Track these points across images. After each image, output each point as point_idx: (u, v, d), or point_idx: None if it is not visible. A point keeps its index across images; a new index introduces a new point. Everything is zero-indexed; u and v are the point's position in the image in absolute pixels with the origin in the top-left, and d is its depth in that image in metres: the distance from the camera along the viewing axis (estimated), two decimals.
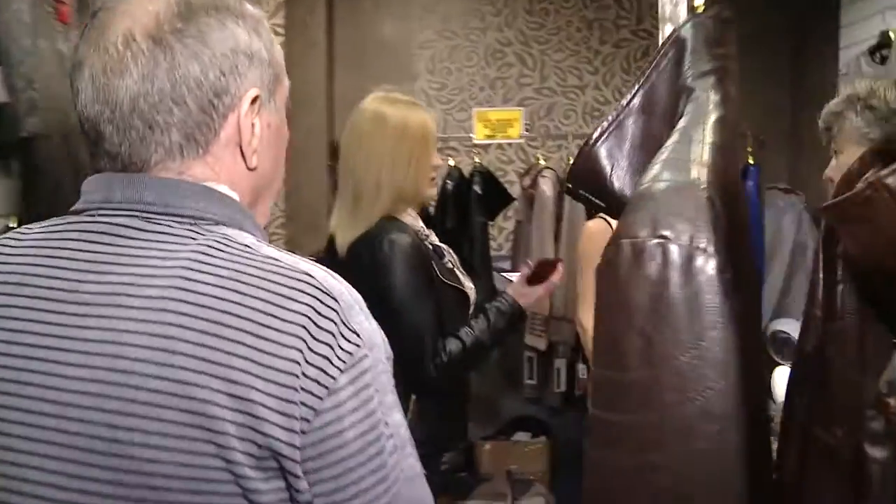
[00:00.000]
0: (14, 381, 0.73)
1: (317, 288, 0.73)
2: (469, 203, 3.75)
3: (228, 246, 0.75)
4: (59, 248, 0.77)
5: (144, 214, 0.77)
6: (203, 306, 0.70)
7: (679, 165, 1.01)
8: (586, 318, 2.64)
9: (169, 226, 0.76)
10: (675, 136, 1.08)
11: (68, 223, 0.79)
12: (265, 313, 0.70)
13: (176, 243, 0.75)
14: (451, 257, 2.07)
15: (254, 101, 0.81)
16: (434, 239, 2.07)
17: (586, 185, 1.28)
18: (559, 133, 4.39)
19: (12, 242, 0.81)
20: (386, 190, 1.92)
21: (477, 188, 3.77)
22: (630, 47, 4.48)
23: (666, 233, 0.92)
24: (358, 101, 2.05)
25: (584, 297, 2.70)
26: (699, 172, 1.00)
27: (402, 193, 1.94)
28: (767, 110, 4.40)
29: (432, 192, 2.15)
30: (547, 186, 3.65)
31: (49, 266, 0.76)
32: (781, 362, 3.55)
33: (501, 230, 4.48)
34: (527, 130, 4.07)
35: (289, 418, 0.69)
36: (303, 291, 0.72)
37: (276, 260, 0.75)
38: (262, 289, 0.72)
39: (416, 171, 1.94)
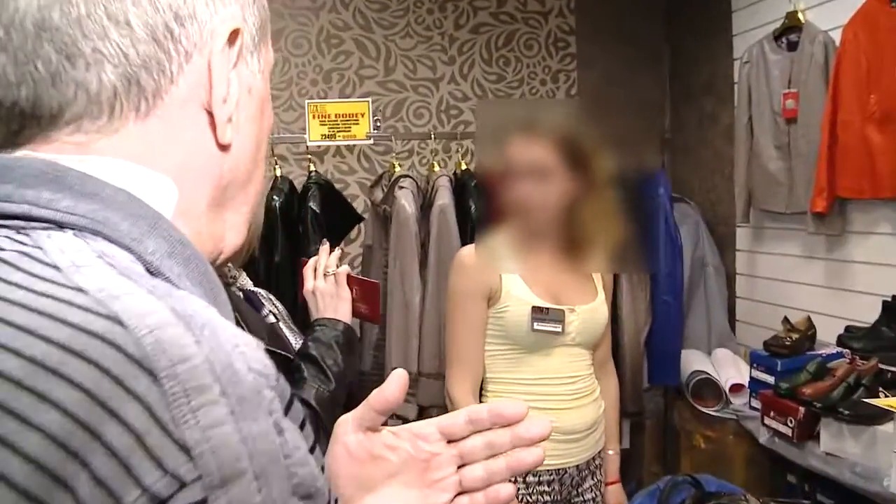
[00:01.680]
0: None
1: (120, 351, 0.42)
2: (304, 225, 2.85)
3: (20, 269, 0.45)
4: None
5: None
6: None
7: None
8: (456, 387, 1.86)
9: None
10: None
11: None
12: (4, 410, 0.39)
13: None
14: (273, 307, 1.55)
15: (233, 38, 0.57)
16: (245, 282, 1.49)
17: None
18: (410, 135, 3.62)
19: None
20: None
21: (314, 205, 2.87)
22: (491, 33, 3.80)
23: None
24: None
25: (450, 356, 1.92)
26: None
27: None
28: (644, 108, 3.86)
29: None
30: (407, 200, 2.81)
31: None
32: (705, 410, 2.92)
33: (345, 255, 3.64)
34: (375, 129, 3.23)
35: None
36: (85, 359, 0.41)
37: (83, 293, 0.44)
38: (19, 355, 0.41)
39: None
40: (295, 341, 1.44)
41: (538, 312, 1.83)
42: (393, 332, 2.80)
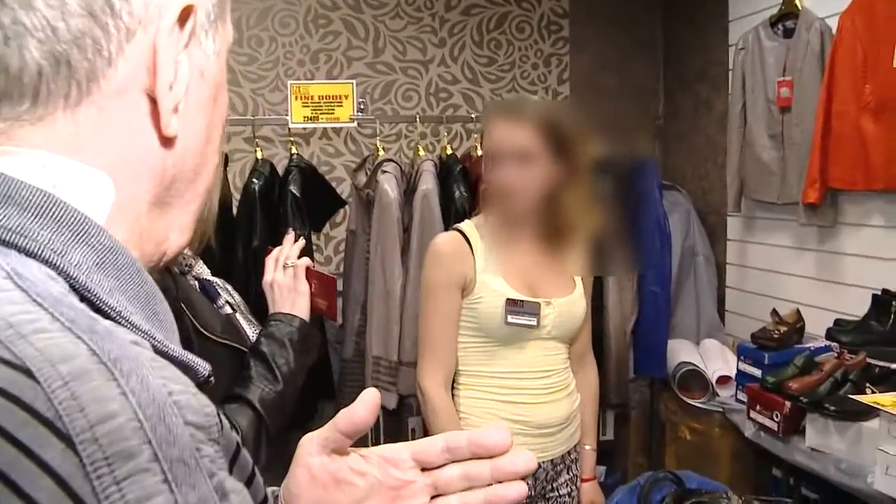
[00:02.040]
0: None
1: (26, 409, 0.34)
2: (284, 209, 2.78)
3: None
4: None
5: None
6: None
7: None
8: (427, 379, 1.80)
9: None
10: None
11: None
12: None
13: None
14: (229, 297, 1.45)
15: (184, 16, 0.49)
16: (202, 270, 1.39)
17: None
18: (397, 118, 3.55)
19: None
20: None
21: (294, 189, 2.80)
22: (483, 15, 3.72)
23: None
24: None
25: (422, 346, 1.86)
26: None
27: None
28: (637, 95, 3.81)
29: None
30: (390, 185, 2.75)
31: None
32: (691, 401, 2.87)
33: (330, 239, 3.59)
34: (360, 111, 3.16)
35: None
36: None
37: None
38: None
39: None
40: (252, 333, 1.38)
41: (512, 305, 1.77)
42: (374, 319, 2.75)
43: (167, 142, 0.51)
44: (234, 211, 2.88)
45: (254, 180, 2.80)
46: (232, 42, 0.58)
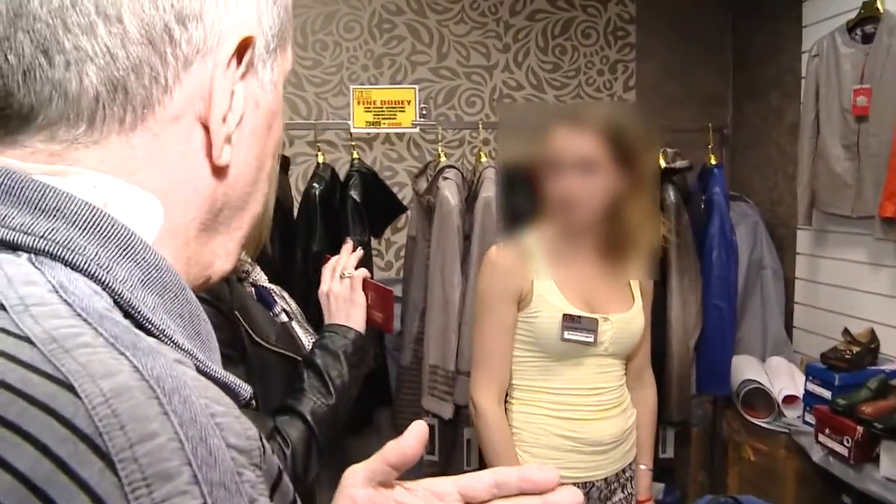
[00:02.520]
0: None
1: (66, 425, 0.34)
2: (345, 214, 2.79)
3: None
4: None
5: None
6: None
7: None
8: (481, 393, 1.76)
9: None
10: None
11: None
12: None
13: None
14: (286, 305, 1.41)
15: (243, 48, 0.49)
16: (259, 276, 1.37)
17: None
18: (460, 124, 3.53)
19: None
20: None
21: (355, 194, 2.80)
22: (548, 20, 3.67)
23: None
24: None
25: (476, 359, 1.82)
26: None
27: None
28: (704, 102, 3.71)
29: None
30: (450, 191, 2.73)
31: None
32: (755, 420, 2.78)
33: (391, 244, 3.59)
34: (422, 116, 3.16)
35: None
36: (21, 433, 0.33)
37: (30, 345, 0.36)
38: None
39: None
40: (308, 342, 1.37)
41: (570, 321, 1.72)
42: (432, 327, 2.73)
43: (219, 171, 0.51)
44: (295, 215, 2.90)
45: (314, 185, 2.81)
46: (294, 58, 0.58)
